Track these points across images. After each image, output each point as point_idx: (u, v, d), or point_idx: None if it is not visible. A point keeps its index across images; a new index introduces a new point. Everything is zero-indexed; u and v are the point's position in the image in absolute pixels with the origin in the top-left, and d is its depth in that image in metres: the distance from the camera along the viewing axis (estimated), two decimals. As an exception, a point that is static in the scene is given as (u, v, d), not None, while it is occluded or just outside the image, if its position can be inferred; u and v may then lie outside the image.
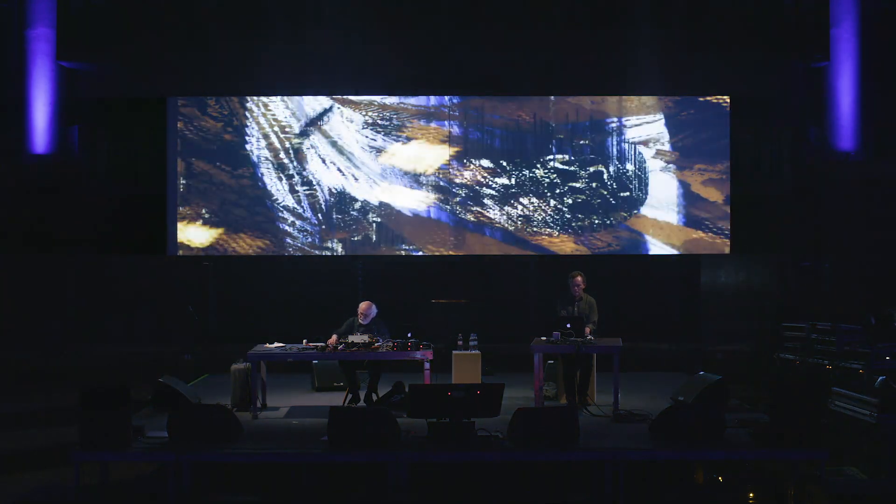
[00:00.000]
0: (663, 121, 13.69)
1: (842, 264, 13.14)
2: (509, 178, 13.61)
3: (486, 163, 13.62)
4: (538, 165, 13.62)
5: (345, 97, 13.68)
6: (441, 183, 13.61)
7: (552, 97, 13.66)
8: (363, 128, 13.67)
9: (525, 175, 13.63)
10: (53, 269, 13.08)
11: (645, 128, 13.67)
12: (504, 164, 13.61)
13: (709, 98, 13.68)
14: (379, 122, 13.67)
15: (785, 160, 14.08)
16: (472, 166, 13.61)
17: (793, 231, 13.93)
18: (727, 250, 13.63)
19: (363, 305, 10.03)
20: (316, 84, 13.74)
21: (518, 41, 13.75)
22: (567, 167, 13.66)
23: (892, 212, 13.73)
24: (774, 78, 14.16)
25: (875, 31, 13.91)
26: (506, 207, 13.60)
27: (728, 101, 13.66)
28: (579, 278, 10.01)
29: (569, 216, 13.63)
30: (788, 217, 13.99)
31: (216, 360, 11.98)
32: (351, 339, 9.54)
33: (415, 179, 13.63)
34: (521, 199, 13.62)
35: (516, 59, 13.82)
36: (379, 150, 13.66)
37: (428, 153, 13.64)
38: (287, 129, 13.65)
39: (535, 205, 13.61)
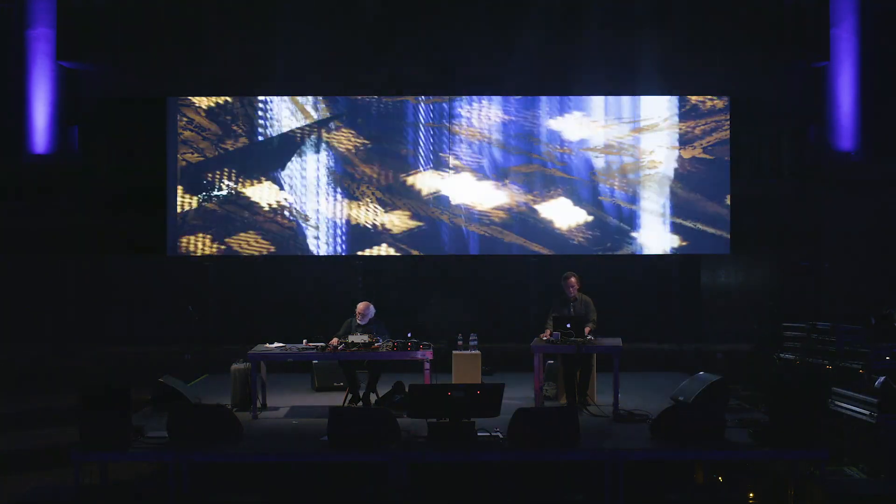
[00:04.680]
0: (663, 120, 13.68)
1: (842, 264, 13.15)
2: (509, 175, 13.63)
3: (484, 162, 13.64)
4: (538, 164, 13.64)
5: (347, 97, 13.69)
6: (442, 183, 13.63)
7: (551, 97, 13.67)
8: (365, 127, 13.68)
9: (526, 173, 13.64)
10: (53, 268, 13.09)
11: (644, 127, 13.66)
12: (503, 161, 13.62)
13: (709, 98, 13.68)
14: (381, 121, 13.67)
15: (785, 160, 14.08)
16: (469, 164, 13.64)
17: (793, 231, 13.94)
18: (727, 250, 13.63)
19: (361, 305, 10.02)
20: (316, 84, 13.75)
21: (518, 41, 13.75)
22: (566, 166, 13.66)
23: (892, 212, 13.73)
24: (774, 78, 14.17)
25: (875, 31, 13.91)
26: (506, 206, 13.61)
27: (728, 101, 13.66)
28: (573, 279, 10.00)
29: (569, 216, 13.63)
30: (788, 217, 14.00)
31: (216, 360, 11.99)
32: (351, 339, 9.53)
33: (416, 179, 13.65)
34: (521, 197, 13.62)
35: (516, 59, 13.83)
36: (379, 150, 13.66)
37: (429, 153, 13.65)
38: (287, 129, 13.65)
39: (536, 204, 13.62)
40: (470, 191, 13.61)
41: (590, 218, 13.64)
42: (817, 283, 13.09)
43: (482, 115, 13.66)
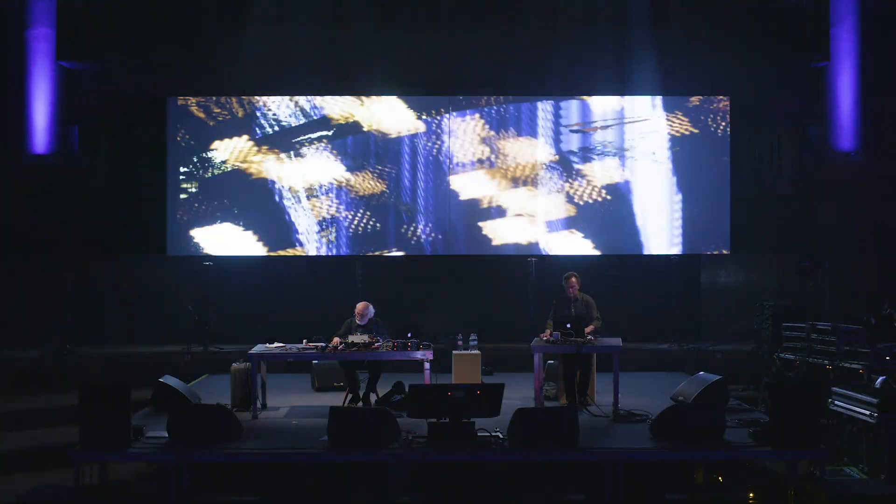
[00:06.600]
0: (663, 120, 13.68)
1: (841, 264, 13.14)
2: (510, 175, 13.64)
3: (483, 162, 13.65)
4: (539, 163, 13.64)
5: (346, 97, 13.69)
6: (441, 180, 13.65)
7: (552, 98, 13.67)
8: (366, 126, 13.68)
9: (526, 173, 13.65)
10: (53, 269, 13.09)
11: (645, 127, 13.66)
12: (504, 161, 13.62)
13: (709, 98, 13.67)
14: (381, 120, 13.68)
15: (785, 160, 14.08)
16: (470, 162, 13.64)
17: (793, 231, 13.93)
18: (727, 250, 13.62)
19: (360, 306, 10.00)
20: (315, 84, 13.75)
21: (518, 41, 13.75)
22: (566, 166, 13.66)
23: (892, 212, 13.73)
24: (774, 78, 14.16)
25: (875, 31, 13.91)
26: (506, 206, 13.62)
27: (728, 101, 13.65)
28: (573, 279, 10.00)
29: (570, 215, 13.64)
30: (788, 217, 14.00)
31: (216, 360, 11.99)
32: (351, 339, 9.52)
33: (417, 176, 13.65)
34: (522, 197, 13.62)
35: (516, 59, 13.83)
36: (382, 148, 13.67)
37: (427, 151, 13.66)
38: (287, 128, 13.64)
39: (536, 203, 13.62)
40: (470, 189, 13.63)
41: (590, 218, 13.64)
42: (817, 283, 13.08)
43: (482, 114, 13.67)
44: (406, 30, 13.77)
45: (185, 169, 13.59)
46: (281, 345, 9.77)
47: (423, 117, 13.65)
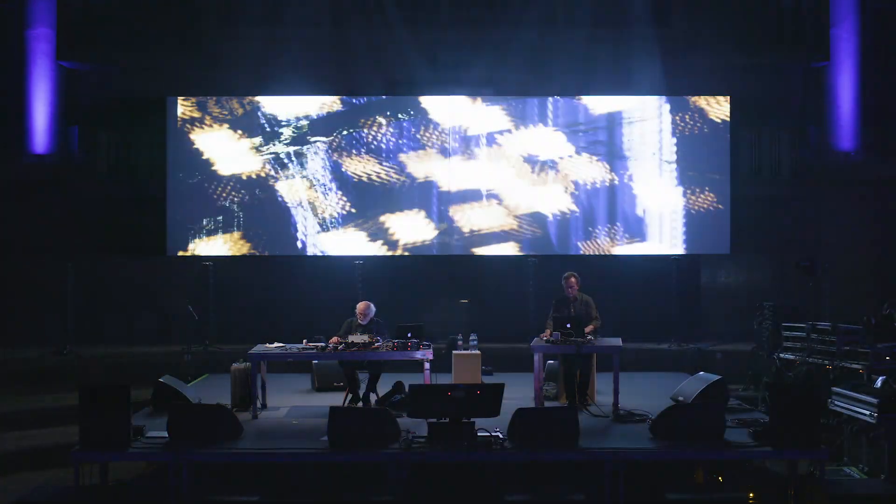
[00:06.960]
0: (663, 120, 13.68)
1: (841, 264, 13.15)
2: (511, 175, 13.64)
3: (483, 161, 13.66)
4: (539, 163, 13.65)
5: (345, 96, 13.69)
6: (439, 178, 13.66)
7: (553, 97, 13.67)
8: (366, 126, 13.68)
9: (527, 172, 13.65)
10: (53, 269, 13.10)
11: (645, 127, 13.66)
12: (504, 161, 13.63)
13: (709, 98, 13.67)
14: (381, 120, 13.68)
15: (785, 160, 14.09)
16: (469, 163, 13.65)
17: (793, 231, 13.93)
18: (727, 250, 13.62)
19: (361, 305, 10.00)
20: (314, 84, 13.75)
21: (518, 42, 13.75)
22: (566, 166, 13.66)
23: (892, 212, 13.73)
24: (774, 78, 14.17)
25: (875, 31, 13.92)
26: (507, 206, 13.63)
27: (728, 101, 13.65)
28: (573, 279, 10.00)
29: (570, 215, 13.64)
30: (788, 217, 14.00)
31: (216, 360, 11.99)
32: (351, 339, 9.52)
33: (416, 176, 13.66)
34: (523, 197, 13.63)
35: (517, 59, 13.83)
36: (380, 148, 13.67)
37: (425, 149, 13.67)
38: (286, 128, 13.64)
39: (537, 203, 13.63)
40: (471, 189, 13.64)
41: (589, 218, 13.65)
42: (817, 283, 13.09)
43: (483, 113, 13.68)
44: (404, 29, 13.76)
45: (185, 169, 13.58)
46: (281, 345, 9.77)
47: (423, 117, 13.65)
